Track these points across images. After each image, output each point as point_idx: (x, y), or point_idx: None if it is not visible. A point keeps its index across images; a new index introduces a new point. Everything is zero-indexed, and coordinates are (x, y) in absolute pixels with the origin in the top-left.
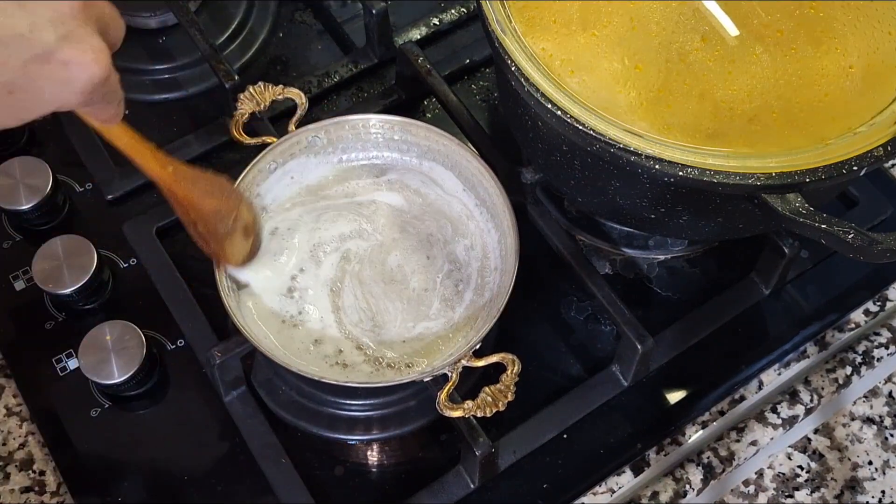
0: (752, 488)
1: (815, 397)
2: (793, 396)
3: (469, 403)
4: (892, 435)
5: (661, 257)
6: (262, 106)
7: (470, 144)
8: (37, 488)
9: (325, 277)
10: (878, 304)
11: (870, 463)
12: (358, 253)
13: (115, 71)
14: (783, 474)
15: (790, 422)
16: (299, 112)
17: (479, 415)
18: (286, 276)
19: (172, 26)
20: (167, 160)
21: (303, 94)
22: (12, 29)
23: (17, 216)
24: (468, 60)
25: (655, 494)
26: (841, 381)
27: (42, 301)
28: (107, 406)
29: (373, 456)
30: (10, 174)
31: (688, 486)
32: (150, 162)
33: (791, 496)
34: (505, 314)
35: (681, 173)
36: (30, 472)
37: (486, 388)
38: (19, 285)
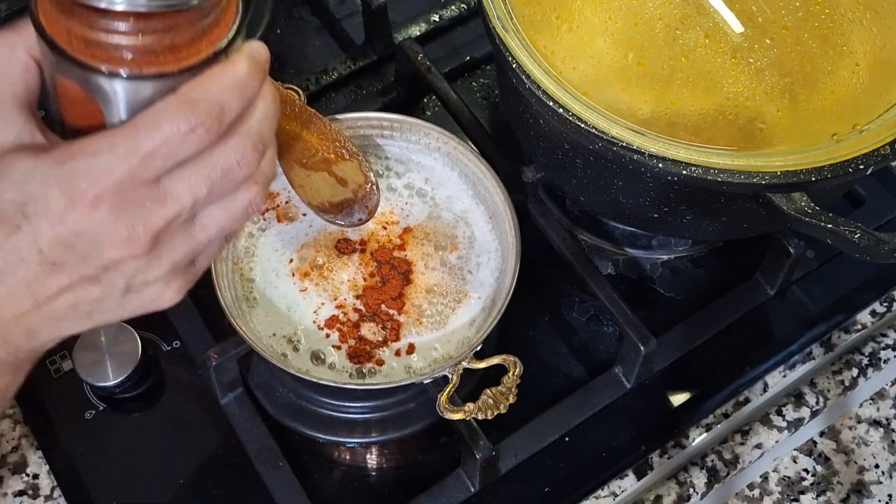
0: (756, 492)
1: (821, 399)
2: (798, 399)
3: (470, 406)
4: None
5: (665, 257)
6: None
7: (470, 143)
8: (30, 492)
9: (324, 276)
10: (885, 304)
11: (876, 466)
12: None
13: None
14: (788, 478)
15: (795, 424)
16: None
17: (479, 417)
18: (285, 274)
19: None
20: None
21: (300, 92)
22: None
23: None
24: (468, 57)
25: (659, 498)
26: (847, 383)
27: None
28: (101, 408)
29: (372, 459)
30: None
31: (692, 490)
32: None
33: (797, 500)
34: (506, 315)
35: (685, 172)
36: (23, 475)
37: (488, 391)
38: None
